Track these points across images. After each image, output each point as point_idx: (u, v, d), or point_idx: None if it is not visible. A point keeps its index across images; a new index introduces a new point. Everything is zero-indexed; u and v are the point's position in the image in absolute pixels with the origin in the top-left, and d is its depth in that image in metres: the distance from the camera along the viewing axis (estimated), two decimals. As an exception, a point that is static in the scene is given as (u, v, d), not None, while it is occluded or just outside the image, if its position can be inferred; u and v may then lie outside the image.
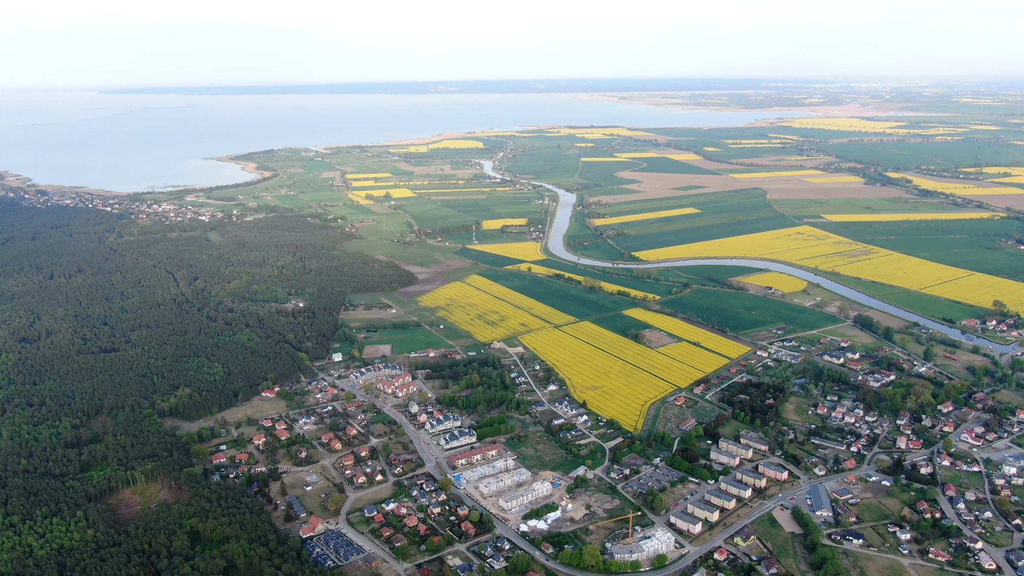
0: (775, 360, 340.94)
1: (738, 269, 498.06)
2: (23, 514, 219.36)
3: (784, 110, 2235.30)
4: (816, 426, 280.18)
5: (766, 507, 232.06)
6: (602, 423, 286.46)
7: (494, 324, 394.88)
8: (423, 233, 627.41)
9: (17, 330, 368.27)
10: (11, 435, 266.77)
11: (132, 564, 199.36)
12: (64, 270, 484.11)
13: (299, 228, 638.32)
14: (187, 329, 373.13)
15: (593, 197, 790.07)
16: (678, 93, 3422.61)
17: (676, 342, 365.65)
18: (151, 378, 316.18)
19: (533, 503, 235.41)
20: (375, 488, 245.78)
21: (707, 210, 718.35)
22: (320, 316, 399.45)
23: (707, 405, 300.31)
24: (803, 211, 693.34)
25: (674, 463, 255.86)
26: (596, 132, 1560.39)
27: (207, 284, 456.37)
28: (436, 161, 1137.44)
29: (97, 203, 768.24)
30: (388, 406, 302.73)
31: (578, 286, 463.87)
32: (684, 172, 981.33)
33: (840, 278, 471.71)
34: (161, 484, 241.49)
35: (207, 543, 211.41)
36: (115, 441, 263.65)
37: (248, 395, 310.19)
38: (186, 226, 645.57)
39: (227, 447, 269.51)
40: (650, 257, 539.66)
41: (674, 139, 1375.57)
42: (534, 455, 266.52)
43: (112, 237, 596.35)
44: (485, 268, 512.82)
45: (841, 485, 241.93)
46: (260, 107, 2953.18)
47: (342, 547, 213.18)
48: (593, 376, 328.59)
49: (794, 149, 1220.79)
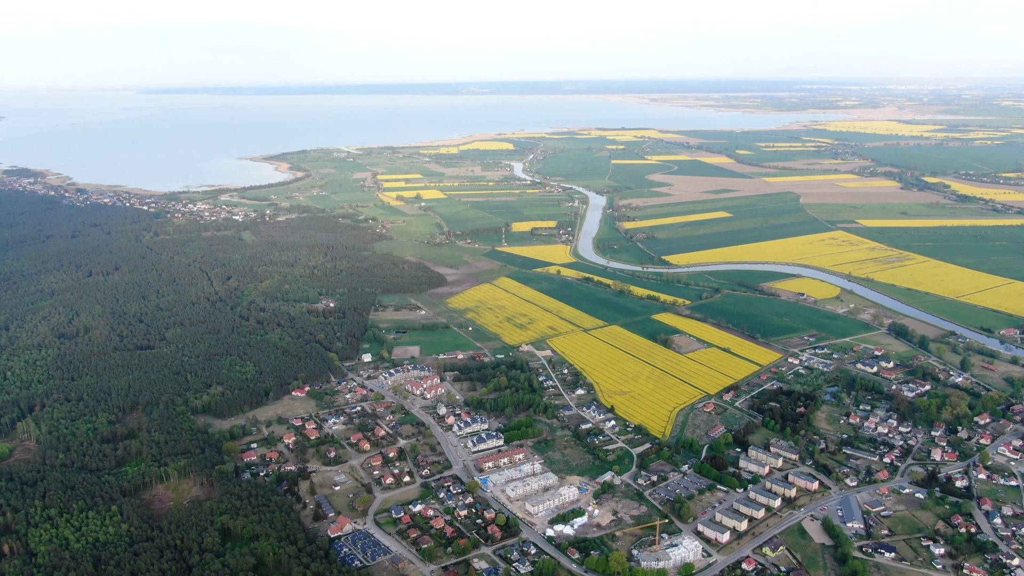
0: (806, 368, 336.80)
1: (770, 274, 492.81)
2: (61, 507, 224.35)
3: (818, 112, 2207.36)
4: (848, 436, 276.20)
5: (796, 517, 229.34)
6: (630, 428, 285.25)
7: (522, 327, 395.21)
8: (453, 234, 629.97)
9: (56, 326, 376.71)
10: (50, 429, 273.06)
11: (164, 559, 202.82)
12: (102, 268, 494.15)
13: (330, 228, 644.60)
14: (220, 328, 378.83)
15: (623, 200, 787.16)
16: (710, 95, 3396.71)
17: (706, 348, 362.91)
18: (185, 376, 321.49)
19: (560, 508, 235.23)
20: (403, 489, 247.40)
21: (739, 214, 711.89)
22: (350, 316, 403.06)
23: (736, 412, 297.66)
24: (837, 216, 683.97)
25: (702, 471, 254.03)
26: (627, 134, 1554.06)
27: (240, 283, 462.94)
28: (466, 162, 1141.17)
29: (134, 202, 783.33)
30: (416, 407, 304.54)
31: (607, 290, 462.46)
32: (716, 175, 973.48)
33: (874, 285, 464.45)
34: (193, 481, 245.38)
35: (237, 540, 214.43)
36: (149, 437, 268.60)
37: (279, 394, 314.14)
38: (220, 225, 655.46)
39: (258, 445, 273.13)
40: (680, 261, 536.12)
41: (706, 142, 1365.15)
42: (561, 459, 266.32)
43: (148, 236, 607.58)
44: (514, 270, 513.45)
45: (873, 497, 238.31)
46: (292, 107, 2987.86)
47: (369, 547, 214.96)
48: (621, 381, 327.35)
49: (828, 152, 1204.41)
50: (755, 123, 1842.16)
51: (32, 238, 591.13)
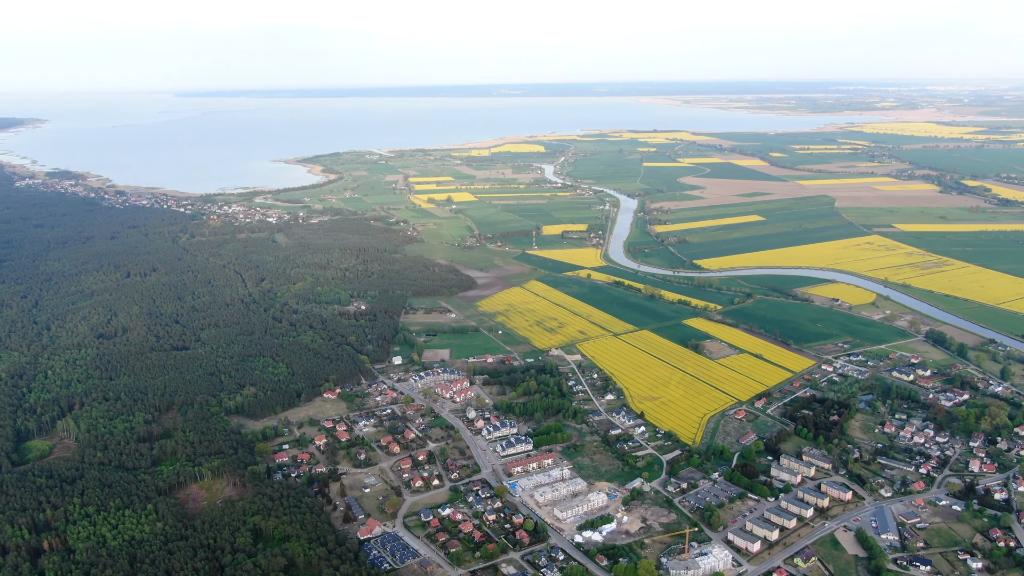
0: (840, 375, 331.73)
1: (803, 279, 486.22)
2: (98, 505, 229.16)
3: (855, 114, 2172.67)
4: (883, 445, 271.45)
5: (828, 528, 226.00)
6: (660, 435, 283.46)
7: (552, 331, 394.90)
8: (483, 237, 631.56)
9: (96, 326, 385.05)
10: (88, 428, 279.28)
11: (198, 558, 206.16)
12: (140, 269, 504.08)
13: (362, 231, 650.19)
14: (253, 329, 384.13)
15: (655, 203, 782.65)
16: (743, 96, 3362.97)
17: (737, 353, 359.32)
18: (219, 376, 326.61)
19: (588, 514, 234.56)
20: (431, 492, 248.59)
21: (772, 218, 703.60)
22: (381, 319, 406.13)
23: (768, 420, 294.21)
24: (873, 220, 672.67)
25: (733, 478, 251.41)
26: (659, 136, 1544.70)
27: (273, 285, 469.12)
28: (497, 165, 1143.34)
29: (171, 204, 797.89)
30: (446, 411, 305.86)
31: (638, 294, 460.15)
32: (749, 178, 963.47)
33: (911, 291, 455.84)
34: (226, 481, 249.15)
35: (269, 540, 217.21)
36: (184, 437, 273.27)
37: (310, 395, 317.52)
38: (254, 227, 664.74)
39: (289, 446, 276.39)
40: (712, 265, 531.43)
41: (739, 144, 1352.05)
42: (590, 465, 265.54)
43: (185, 237, 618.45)
44: (544, 274, 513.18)
45: (908, 508, 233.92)
46: (325, 110, 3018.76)
47: (398, 550, 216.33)
48: (651, 386, 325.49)
49: (865, 155, 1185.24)
50: (789, 125, 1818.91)
51: (73, 239, 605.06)
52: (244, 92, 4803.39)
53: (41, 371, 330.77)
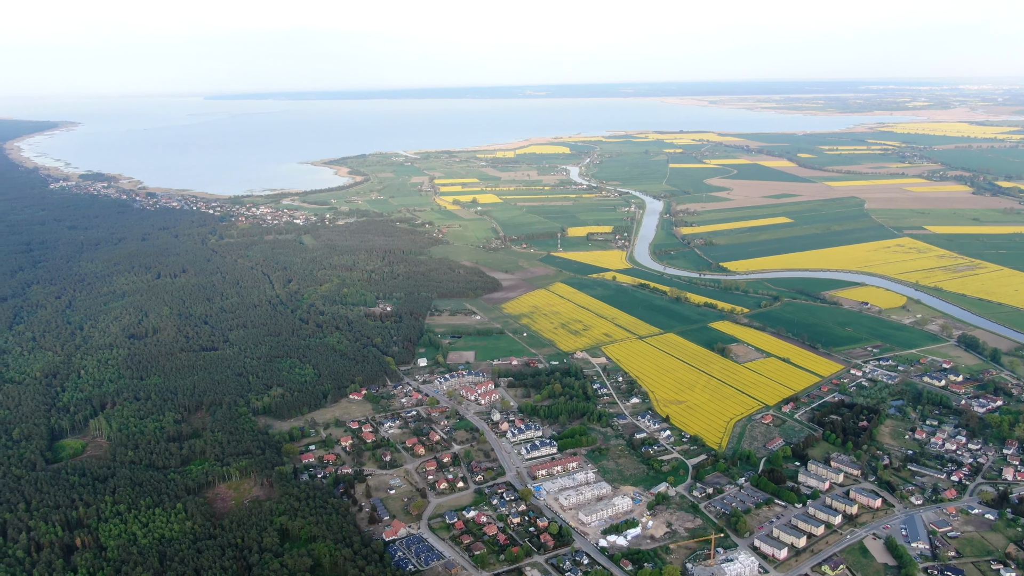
0: (870, 380, 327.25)
1: (832, 282, 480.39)
2: (129, 503, 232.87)
3: (885, 114, 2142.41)
4: (913, 452, 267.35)
5: (857, 535, 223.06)
6: (685, 439, 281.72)
7: (577, 333, 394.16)
8: (508, 239, 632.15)
9: (127, 327, 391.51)
10: (120, 427, 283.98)
11: (226, 557, 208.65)
12: (170, 270, 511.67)
13: (388, 233, 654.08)
14: (281, 330, 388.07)
15: (681, 205, 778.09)
16: (771, 97, 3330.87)
17: (764, 357, 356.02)
18: (247, 377, 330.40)
19: (613, 518, 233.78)
20: (456, 495, 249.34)
21: (800, 220, 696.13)
22: (406, 321, 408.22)
23: (796, 424, 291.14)
24: (904, 222, 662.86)
25: (760, 484, 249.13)
26: (685, 137, 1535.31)
27: (300, 286, 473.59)
28: (523, 167, 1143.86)
29: (201, 205, 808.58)
30: (470, 413, 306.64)
31: (663, 296, 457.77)
32: (776, 179, 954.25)
33: (943, 294, 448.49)
34: (254, 481, 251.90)
35: (295, 541, 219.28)
36: (213, 437, 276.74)
37: (336, 397, 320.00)
38: (282, 229, 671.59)
39: (316, 447, 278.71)
40: (739, 268, 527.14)
41: (766, 145, 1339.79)
42: (615, 469, 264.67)
43: (214, 239, 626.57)
44: (569, 276, 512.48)
45: (940, 516, 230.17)
46: (351, 112, 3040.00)
47: (423, 552, 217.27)
48: (677, 390, 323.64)
49: (895, 156, 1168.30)
50: (818, 125, 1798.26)
51: (105, 241, 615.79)
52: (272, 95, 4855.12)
53: (74, 371, 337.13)
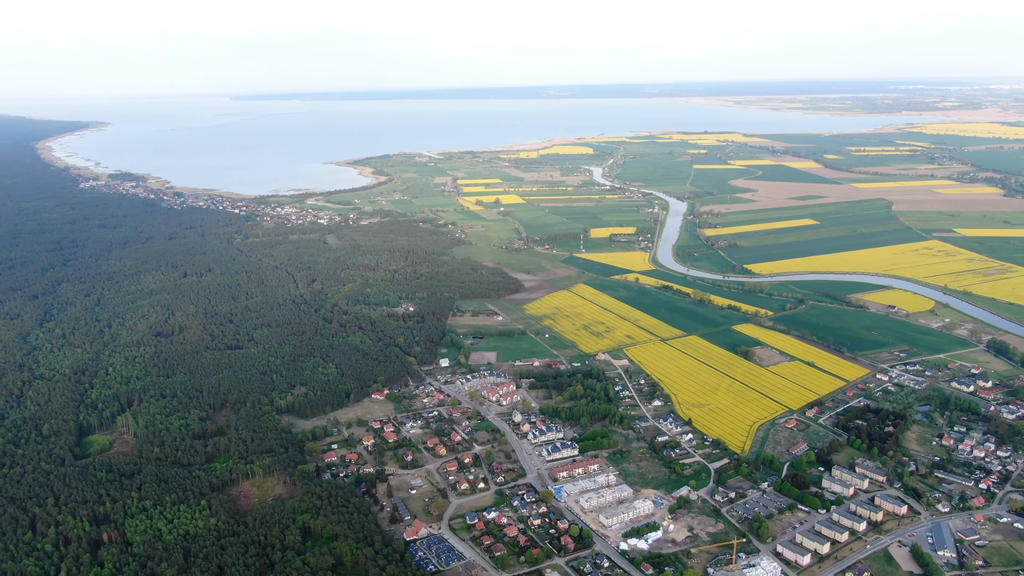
0: (896, 385, 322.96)
1: (858, 285, 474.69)
2: (155, 499, 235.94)
3: (914, 115, 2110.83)
4: (941, 459, 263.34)
5: (882, 543, 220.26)
6: (708, 442, 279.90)
7: (599, 335, 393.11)
8: (531, 240, 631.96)
9: (154, 325, 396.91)
10: (146, 424, 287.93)
11: (249, 555, 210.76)
12: (196, 269, 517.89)
13: (411, 233, 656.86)
14: (304, 329, 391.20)
15: (704, 206, 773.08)
16: (797, 97, 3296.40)
17: (788, 361, 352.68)
18: (271, 376, 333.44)
19: (634, 521, 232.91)
20: (477, 495, 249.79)
21: (826, 221, 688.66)
22: (429, 321, 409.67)
23: (820, 429, 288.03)
24: (932, 224, 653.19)
25: (783, 489, 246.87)
26: (709, 138, 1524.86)
27: (324, 286, 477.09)
28: (546, 167, 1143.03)
29: (227, 205, 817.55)
30: (492, 414, 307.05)
31: (687, 299, 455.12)
32: (802, 181, 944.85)
33: (972, 298, 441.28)
34: (277, 479, 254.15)
35: (317, 539, 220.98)
36: (237, 435, 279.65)
37: (359, 396, 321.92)
38: (306, 228, 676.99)
39: (338, 446, 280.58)
40: (763, 270, 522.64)
41: (792, 146, 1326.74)
42: (636, 472, 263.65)
43: (239, 238, 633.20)
44: (592, 277, 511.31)
45: (967, 524, 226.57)
46: (375, 112, 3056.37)
47: (443, 552, 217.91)
48: (700, 393, 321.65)
49: (924, 157, 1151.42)
50: (845, 126, 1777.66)
51: (133, 239, 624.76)
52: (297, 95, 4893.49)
53: (103, 368, 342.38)
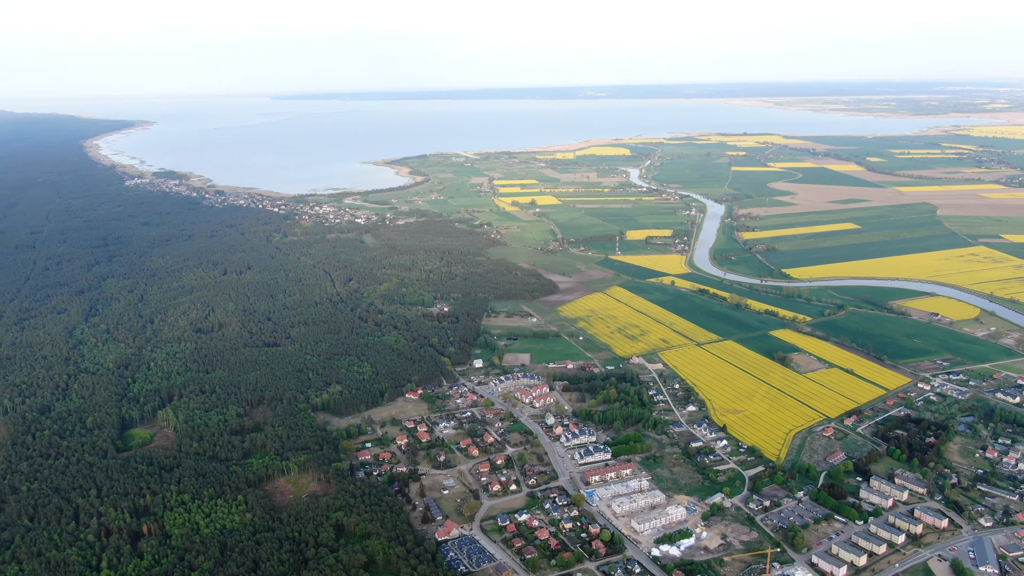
0: (939, 394, 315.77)
1: (900, 292, 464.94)
2: (193, 493, 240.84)
3: (961, 117, 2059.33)
4: (984, 471, 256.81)
5: (921, 556, 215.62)
6: (742, 449, 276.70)
7: (634, 338, 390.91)
8: (566, 242, 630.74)
9: (195, 321, 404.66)
10: (186, 419, 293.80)
11: (283, 550, 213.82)
12: (236, 267, 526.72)
13: (447, 233, 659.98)
14: (340, 328, 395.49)
15: (743, 209, 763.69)
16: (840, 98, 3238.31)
17: (827, 368, 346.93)
18: (307, 373, 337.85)
19: (666, 527, 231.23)
20: (509, 497, 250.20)
21: (868, 226, 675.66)
22: (463, 321, 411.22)
23: (858, 439, 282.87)
24: (979, 230, 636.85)
25: (819, 499, 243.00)
26: (748, 140, 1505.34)
27: (360, 285, 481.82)
28: (582, 168, 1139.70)
29: (266, 204, 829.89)
30: (525, 416, 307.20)
31: (723, 303, 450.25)
32: (843, 184, 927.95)
33: (1020, 306, 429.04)
34: (312, 476, 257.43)
35: (350, 537, 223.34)
36: (273, 432, 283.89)
37: (393, 395, 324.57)
38: (343, 228, 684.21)
39: (372, 445, 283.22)
40: (802, 275, 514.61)
41: (834, 148, 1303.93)
42: (669, 477, 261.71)
43: (278, 237, 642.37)
44: (627, 280, 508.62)
45: (1010, 540, 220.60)
46: (413, 112, 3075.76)
47: (475, 553, 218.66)
48: (735, 399, 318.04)
49: (971, 160, 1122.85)
50: (889, 128, 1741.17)
51: (176, 237, 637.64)
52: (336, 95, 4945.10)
53: (144, 363, 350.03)
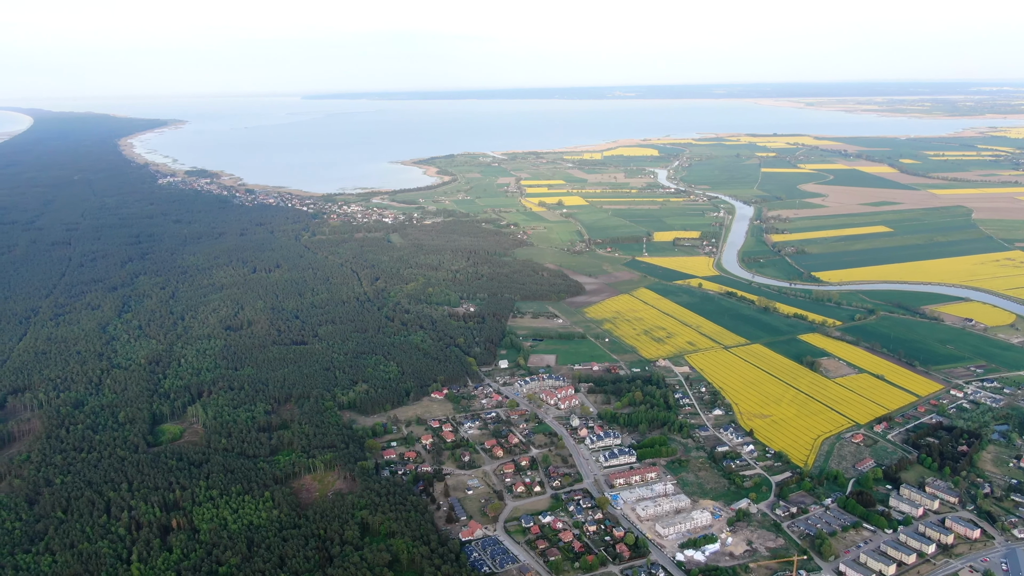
0: (972, 402, 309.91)
1: (933, 296, 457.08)
2: (221, 489, 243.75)
3: (998, 118, 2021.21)
4: (1018, 481, 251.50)
5: (952, 567, 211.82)
6: (769, 455, 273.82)
7: (660, 341, 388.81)
8: (593, 242, 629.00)
9: (224, 318, 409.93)
10: (215, 415, 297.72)
11: (309, 547, 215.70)
12: (265, 265, 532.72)
13: (473, 233, 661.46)
14: (367, 327, 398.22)
15: (772, 211, 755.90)
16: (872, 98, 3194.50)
17: (856, 373, 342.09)
18: (334, 372, 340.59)
19: (691, 532, 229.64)
20: (533, 499, 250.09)
21: (900, 229, 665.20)
22: (489, 322, 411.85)
23: (888, 446, 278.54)
24: (1015, 234, 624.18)
25: (847, 506, 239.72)
26: (779, 141, 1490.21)
27: (387, 284, 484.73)
28: (610, 169, 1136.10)
29: (295, 203, 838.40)
30: (550, 417, 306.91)
31: (751, 306, 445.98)
32: (875, 186, 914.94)
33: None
34: (337, 474, 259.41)
35: (375, 535, 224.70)
36: (300, 429, 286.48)
37: (418, 395, 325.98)
38: (371, 227, 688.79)
39: (397, 444, 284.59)
40: (832, 279, 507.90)
41: (866, 149, 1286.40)
42: (695, 482, 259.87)
43: (306, 236, 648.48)
44: (654, 281, 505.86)
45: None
46: (441, 112, 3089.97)
47: (498, 554, 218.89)
48: (762, 403, 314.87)
49: (1008, 163, 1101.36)
50: (923, 129, 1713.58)
51: (207, 235, 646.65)
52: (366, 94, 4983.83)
53: (175, 359, 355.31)
